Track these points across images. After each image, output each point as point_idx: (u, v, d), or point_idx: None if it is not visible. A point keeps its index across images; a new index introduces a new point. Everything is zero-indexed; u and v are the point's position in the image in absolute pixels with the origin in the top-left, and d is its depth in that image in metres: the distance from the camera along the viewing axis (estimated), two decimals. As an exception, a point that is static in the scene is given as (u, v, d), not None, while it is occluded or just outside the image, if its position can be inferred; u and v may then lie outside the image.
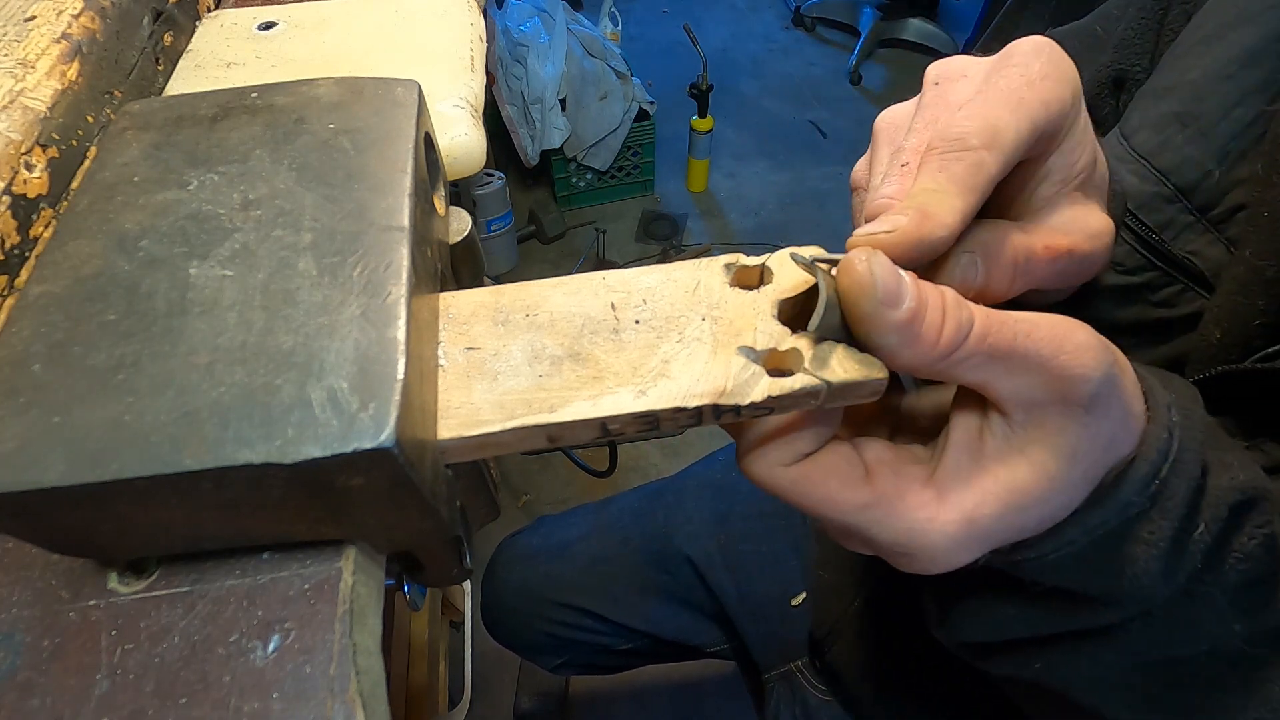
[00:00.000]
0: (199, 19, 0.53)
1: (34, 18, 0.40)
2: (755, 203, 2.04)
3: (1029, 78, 0.25)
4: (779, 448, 0.24)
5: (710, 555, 0.72)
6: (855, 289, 0.21)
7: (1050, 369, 0.22)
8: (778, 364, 0.24)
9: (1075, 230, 0.27)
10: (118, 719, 0.21)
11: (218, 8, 0.55)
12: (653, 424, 0.24)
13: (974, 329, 0.21)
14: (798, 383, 0.23)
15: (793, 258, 0.25)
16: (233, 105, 0.28)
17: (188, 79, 0.48)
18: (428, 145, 0.30)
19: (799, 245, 0.25)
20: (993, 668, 0.31)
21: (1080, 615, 0.26)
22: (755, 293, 0.26)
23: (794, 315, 0.25)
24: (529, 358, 0.25)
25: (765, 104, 2.34)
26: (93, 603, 0.23)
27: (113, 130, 0.28)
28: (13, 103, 0.35)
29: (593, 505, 0.84)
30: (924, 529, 0.23)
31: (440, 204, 0.32)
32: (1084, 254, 0.27)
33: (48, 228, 0.35)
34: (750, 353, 0.24)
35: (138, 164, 0.26)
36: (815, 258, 0.24)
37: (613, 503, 0.82)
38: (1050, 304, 0.32)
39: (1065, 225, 0.27)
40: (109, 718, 0.21)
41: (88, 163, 0.38)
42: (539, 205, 1.94)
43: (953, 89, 0.27)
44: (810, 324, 0.23)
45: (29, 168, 0.35)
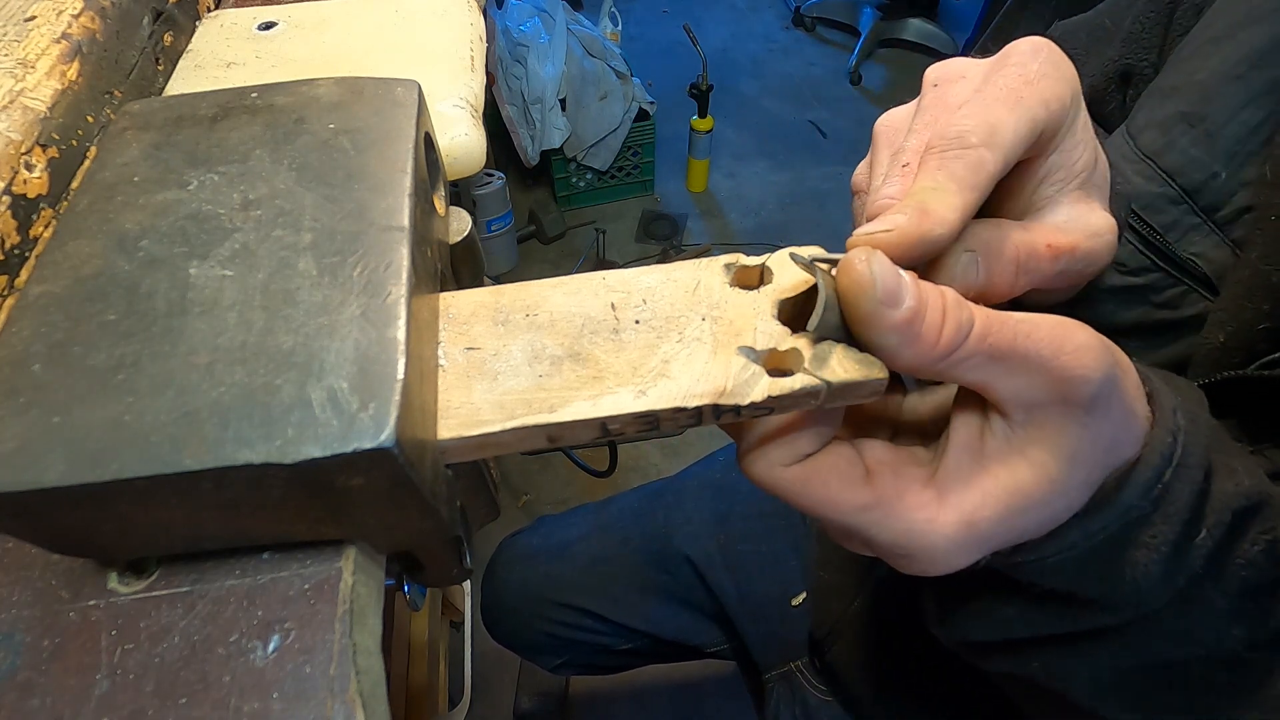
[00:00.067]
0: (199, 19, 0.53)
1: (34, 18, 0.40)
2: (755, 203, 2.04)
3: (1027, 77, 0.25)
4: (779, 448, 0.24)
5: (710, 555, 0.72)
6: (855, 289, 0.21)
7: (1051, 370, 0.21)
8: (778, 364, 0.24)
9: (1077, 229, 0.27)
10: (118, 719, 0.21)
11: (218, 8, 0.55)
12: (653, 424, 0.24)
13: (974, 329, 0.21)
14: (798, 383, 0.23)
15: (792, 258, 0.25)
16: (233, 105, 0.28)
17: (188, 79, 0.48)
18: (428, 145, 0.30)
19: (799, 245, 0.25)
20: (990, 666, 0.31)
21: (1079, 617, 0.26)
22: (755, 293, 0.26)
23: (794, 315, 0.25)
24: (529, 358, 0.25)
25: (765, 104, 2.34)
26: (93, 603, 0.23)
27: (113, 130, 0.28)
28: (13, 103, 0.35)
29: (593, 505, 0.84)
30: (924, 530, 0.23)
31: (440, 204, 0.32)
32: (1086, 252, 0.27)
33: (48, 228, 0.35)
34: (750, 353, 0.24)
35: (138, 164, 0.26)
36: (815, 258, 0.24)
37: (613, 503, 0.82)
38: (1052, 304, 0.32)
39: (1067, 224, 0.27)
40: (109, 718, 0.21)
41: (88, 163, 0.38)
42: (539, 205, 1.94)
43: (952, 90, 0.27)
44: (810, 324, 0.23)
45: (29, 168, 0.35)
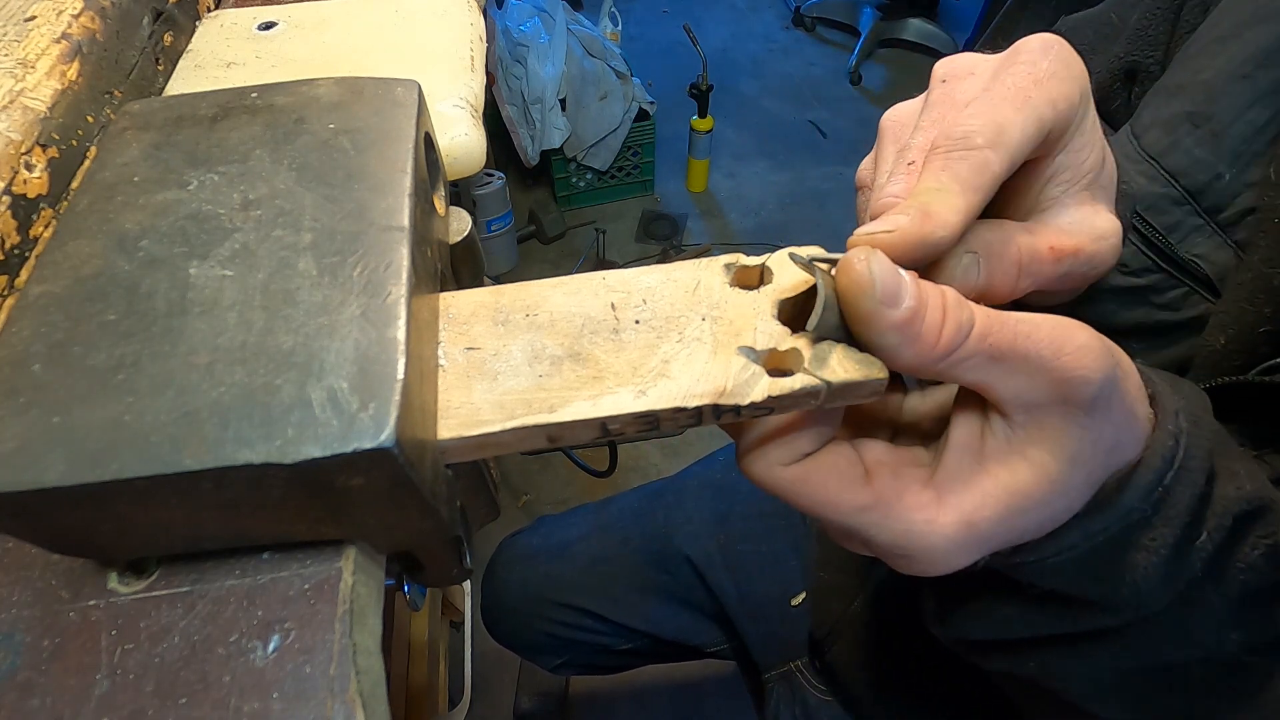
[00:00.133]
0: (199, 19, 0.53)
1: (34, 18, 0.40)
2: (755, 203, 2.04)
3: (1036, 76, 0.25)
4: (779, 448, 0.24)
5: (710, 555, 0.72)
6: (854, 288, 0.21)
7: (1051, 370, 0.21)
8: (778, 364, 0.24)
9: (1081, 231, 0.27)
10: (118, 719, 0.21)
11: (218, 8, 0.55)
12: (653, 424, 0.24)
13: (974, 329, 0.21)
14: (797, 383, 0.23)
15: (791, 258, 0.25)
16: (233, 105, 0.28)
17: (188, 79, 0.48)
18: (428, 145, 0.30)
19: (799, 245, 0.25)
20: (990, 665, 0.31)
21: (1079, 618, 0.26)
22: (755, 293, 0.26)
23: (794, 315, 0.25)
24: (529, 358, 0.25)
25: (765, 104, 2.34)
26: (93, 603, 0.23)
27: (113, 130, 0.28)
28: (13, 103, 0.35)
29: (593, 505, 0.84)
30: (923, 531, 0.23)
31: (440, 204, 0.32)
32: (1090, 255, 0.27)
33: (48, 228, 0.35)
34: (750, 353, 0.24)
35: (138, 164, 0.26)
36: (814, 257, 0.24)
37: (613, 503, 0.82)
38: (1055, 305, 0.32)
39: (1071, 226, 0.27)
40: (109, 718, 0.21)
41: (88, 163, 0.38)
42: (539, 205, 1.93)
43: (960, 86, 0.26)
44: (809, 324, 0.23)
45: (29, 168, 0.35)
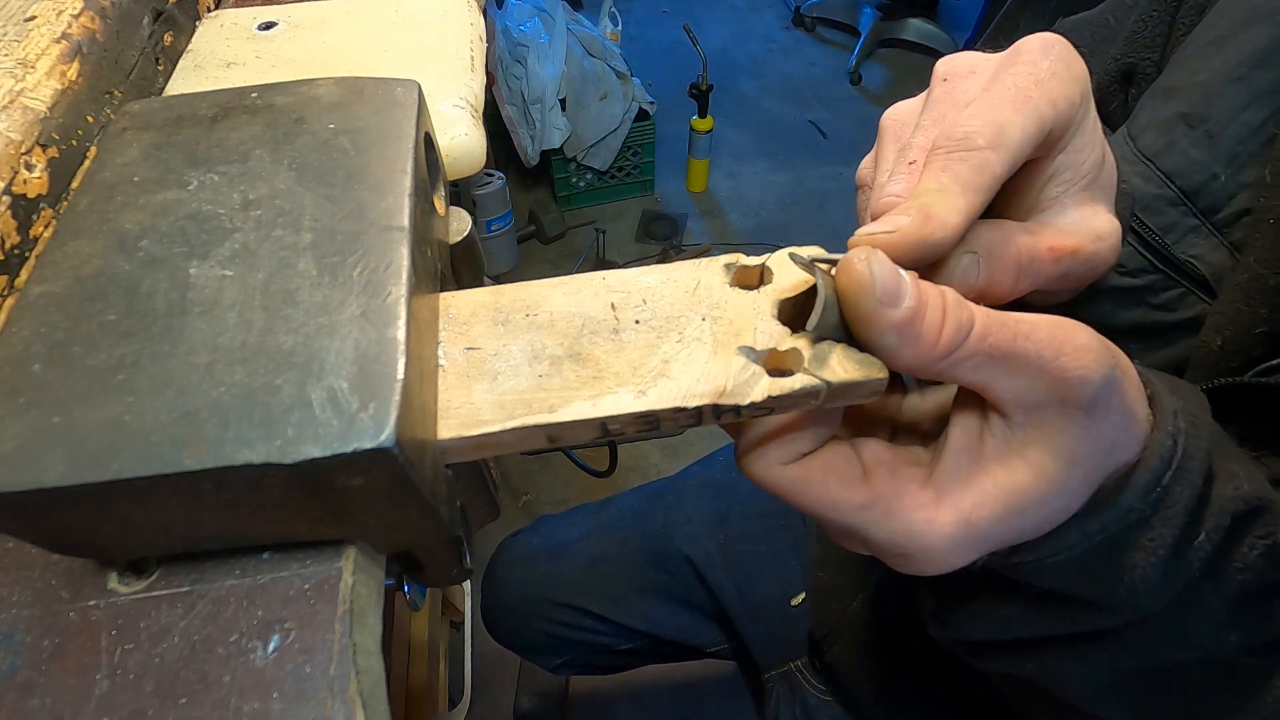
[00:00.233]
0: (199, 19, 0.53)
1: (34, 18, 0.40)
2: (755, 203, 2.04)
3: (1037, 76, 0.25)
4: (778, 447, 0.24)
5: (710, 555, 0.72)
6: (854, 287, 0.21)
7: (1051, 370, 0.21)
8: (778, 364, 0.24)
9: (1081, 231, 0.27)
10: (118, 719, 0.21)
11: (218, 8, 0.55)
12: (653, 424, 0.24)
13: (974, 329, 0.21)
14: (797, 383, 0.23)
15: (791, 258, 0.25)
16: (233, 105, 0.28)
17: (188, 79, 0.48)
18: (428, 145, 0.30)
19: (799, 245, 0.25)
20: (988, 666, 0.31)
21: (1078, 618, 0.26)
22: (755, 293, 0.26)
23: (794, 315, 0.25)
24: (529, 358, 0.25)
25: (765, 104, 2.34)
26: (93, 603, 0.23)
27: (113, 130, 0.28)
28: (13, 103, 0.35)
29: (593, 505, 0.84)
30: (921, 530, 0.23)
31: (440, 204, 0.32)
32: (1089, 255, 0.27)
33: (48, 228, 0.35)
34: (750, 353, 0.24)
35: (138, 164, 0.26)
36: (814, 258, 0.24)
37: (613, 503, 0.82)
38: (1054, 305, 0.32)
39: (1071, 226, 0.27)
40: (109, 718, 0.21)
41: (88, 163, 0.38)
42: (539, 205, 1.93)
43: (961, 86, 0.26)
44: (809, 323, 0.23)
45: (29, 168, 0.35)
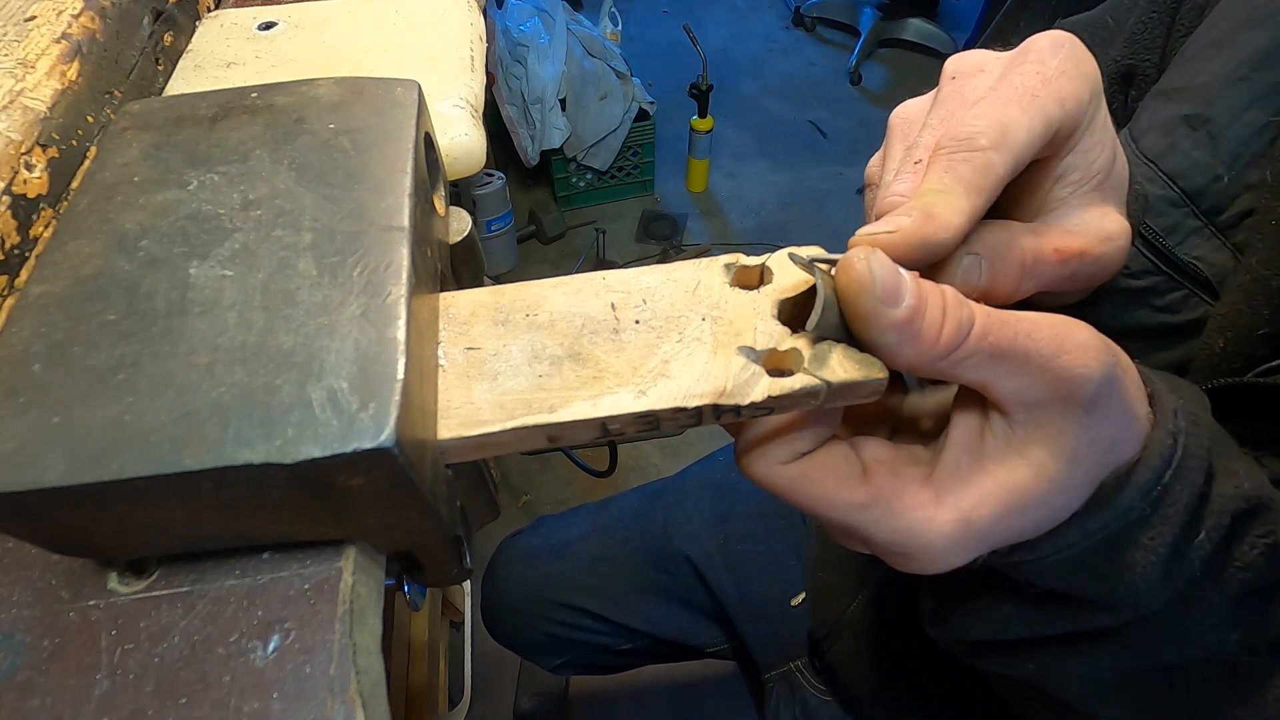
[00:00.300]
0: (199, 19, 0.53)
1: (34, 18, 0.40)
2: (755, 203, 2.04)
3: (1045, 74, 0.24)
4: (778, 446, 0.24)
5: (710, 555, 0.72)
6: (854, 286, 0.21)
7: (1051, 369, 0.21)
8: (778, 364, 0.24)
9: (1089, 232, 0.26)
10: (118, 719, 0.21)
11: (218, 8, 0.55)
12: (653, 424, 0.24)
13: (974, 328, 0.21)
14: (797, 383, 0.23)
15: (791, 258, 0.25)
16: (233, 105, 0.28)
17: (188, 79, 0.48)
18: (428, 145, 0.30)
19: (799, 245, 0.25)
20: (988, 667, 0.31)
21: (1078, 618, 0.26)
22: (755, 293, 0.26)
23: (794, 315, 0.25)
24: (529, 358, 0.25)
25: (765, 104, 2.34)
26: (93, 603, 0.23)
27: (113, 130, 0.28)
28: (13, 103, 0.35)
29: (593, 505, 0.84)
30: (921, 529, 0.23)
31: (440, 204, 0.32)
32: (1096, 257, 0.26)
33: (48, 228, 0.35)
34: (750, 353, 0.24)
35: (138, 164, 0.26)
36: (814, 258, 0.24)
37: (613, 503, 0.82)
38: (1061, 306, 0.32)
39: (1079, 227, 0.26)
40: (109, 718, 0.21)
41: (88, 163, 0.38)
42: (539, 205, 1.93)
43: (969, 84, 0.26)
44: (809, 323, 0.23)
45: (29, 168, 0.35)
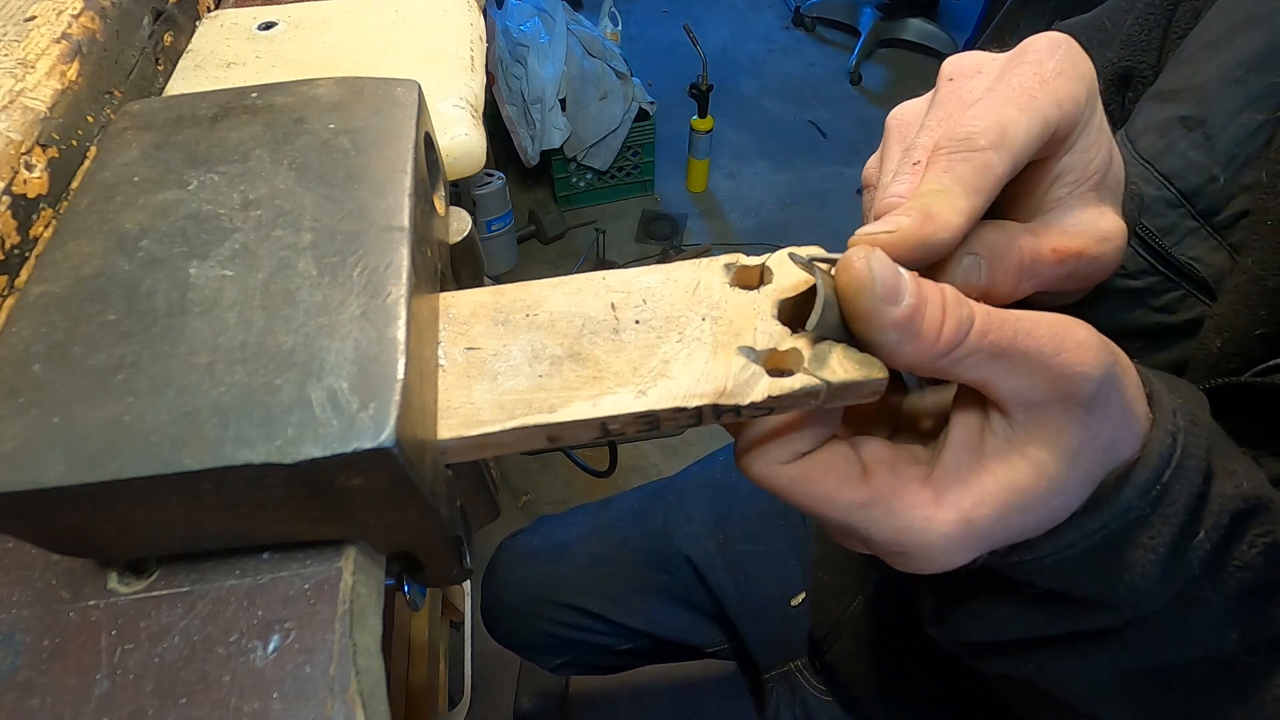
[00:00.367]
0: (199, 19, 0.53)
1: (34, 18, 0.40)
2: (755, 203, 2.04)
3: (1043, 75, 0.25)
4: (778, 446, 0.24)
5: (710, 555, 0.72)
6: (854, 285, 0.21)
7: (1051, 367, 0.21)
8: (778, 364, 0.24)
9: (1086, 232, 0.26)
10: (118, 719, 0.21)
11: (218, 8, 0.55)
12: (653, 424, 0.24)
13: (974, 326, 0.21)
14: (797, 383, 0.23)
15: (791, 257, 0.25)
16: (233, 105, 0.28)
17: (188, 79, 0.48)
18: (428, 145, 0.30)
19: (799, 245, 0.25)
20: (988, 667, 0.31)
21: (1078, 618, 0.26)
22: (755, 293, 0.26)
23: (794, 315, 0.25)
24: (529, 358, 0.25)
25: (765, 104, 2.34)
26: (93, 603, 0.23)
27: (113, 130, 0.28)
28: (13, 103, 0.35)
29: (593, 505, 0.84)
30: (921, 528, 0.23)
31: (440, 204, 0.32)
32: (1094, 257, 0.26)
33: (48, 228, 0.35)
34: (750, 353, 0.24)
35: (138, 164, 0.26)
36: (814, 257, 0.24)
37: (613, 503, 0.82)
38: (1059, 306, 0.32)
39: (1076, 227, 0.26)
40: (109, 718, 0.21)
41: (88, 163, 0.38)
42: (539, 205, 1.94)
43: (966, 85, 0.26)
44: (809, 323, 0.23)
45: (29, 168, 0.35)
